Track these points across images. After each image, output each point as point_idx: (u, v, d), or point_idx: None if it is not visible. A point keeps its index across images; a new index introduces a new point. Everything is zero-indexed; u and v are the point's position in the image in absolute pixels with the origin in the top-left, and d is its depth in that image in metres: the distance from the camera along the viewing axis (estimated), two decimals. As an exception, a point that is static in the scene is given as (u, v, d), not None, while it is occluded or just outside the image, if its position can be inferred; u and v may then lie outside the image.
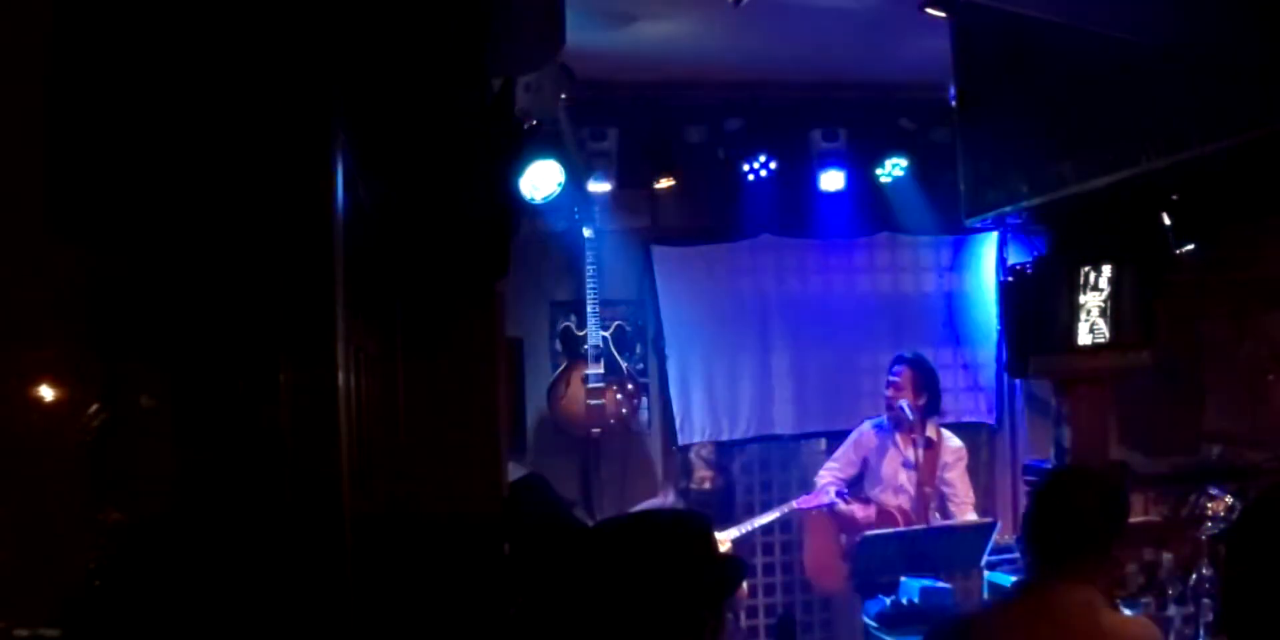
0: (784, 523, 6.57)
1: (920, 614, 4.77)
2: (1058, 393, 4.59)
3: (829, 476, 5.85)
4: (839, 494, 5.69)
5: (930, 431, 5.70)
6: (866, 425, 5.93)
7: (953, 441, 5.77)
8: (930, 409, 5.70)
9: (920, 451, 5.55)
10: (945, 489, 5.66)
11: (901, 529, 5.45)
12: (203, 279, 1.40)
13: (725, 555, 2.36)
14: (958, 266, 6.78)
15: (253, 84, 1.30)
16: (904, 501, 5.67)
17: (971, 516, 5.56)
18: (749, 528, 5.73)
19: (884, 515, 5.68)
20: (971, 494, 5.72)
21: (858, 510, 5.68)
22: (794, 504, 5.88)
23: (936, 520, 5.51)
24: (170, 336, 1.36)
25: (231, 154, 1.20)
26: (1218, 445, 5.12)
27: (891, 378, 5.73)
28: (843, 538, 5.69)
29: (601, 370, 6.14)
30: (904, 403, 5.68)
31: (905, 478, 5.69)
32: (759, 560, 6.68)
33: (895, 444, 5.74)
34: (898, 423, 5.70)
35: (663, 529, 2.22)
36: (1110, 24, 3.25)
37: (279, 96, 1.29)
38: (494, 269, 2.97)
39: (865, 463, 5.84)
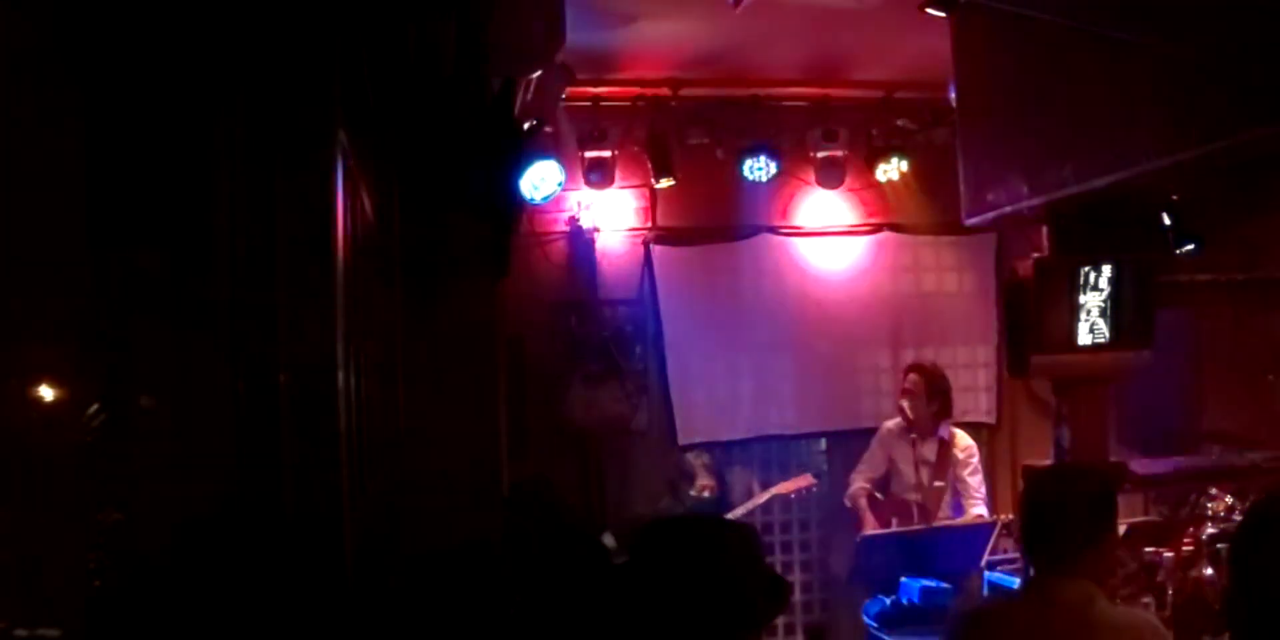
0: (804, 522, 6.64)
1: (920, 614, 4.77)
2: (1058, 393, 4.59)
3: (860, 479, 5.92)
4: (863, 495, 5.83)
5: (944, 431, 5.81)
6: (889, 424, 5.98)
7: (963, 440, 5.86)
8: (942, 412, 5.82)
9: (933, 451, 5.74)
10: (957, 485, 5.75)
11: (901, 529, 5.47)
12: (203, 279, 1.40)
13: (774, 576, 2.27)
14: (958, 266, 6.78)
15: (255, 85, 1.30)
16: (919, 498, 5.78)
17: (980, 511, 5.62)
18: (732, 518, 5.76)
19: (901, 509, 5.75)
20: (983, 489, 5.80)
21: (869, 520, 5.73)
22: (774, 490, 5.94)
23: (946, 516, 5.63)
24: (171, 336, 1.37)
25: (234, 156, 1.20)
26: (1218, 445, 5.12)
27: (904, 385, 5.87)
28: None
29: (602, 370, 6.13)
30: (903, 404, 5.81)
31: (922, 476, 5.79)
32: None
33: (912, 444, 5.83)
34: (912, 424, 5.86)
35: (718, 543, 2.12)
36: (1111, 24, 3.25)
37: (281, 97, 1.30)
38: (494, 269, 2.97)
39: (891, 461, 5.89)
